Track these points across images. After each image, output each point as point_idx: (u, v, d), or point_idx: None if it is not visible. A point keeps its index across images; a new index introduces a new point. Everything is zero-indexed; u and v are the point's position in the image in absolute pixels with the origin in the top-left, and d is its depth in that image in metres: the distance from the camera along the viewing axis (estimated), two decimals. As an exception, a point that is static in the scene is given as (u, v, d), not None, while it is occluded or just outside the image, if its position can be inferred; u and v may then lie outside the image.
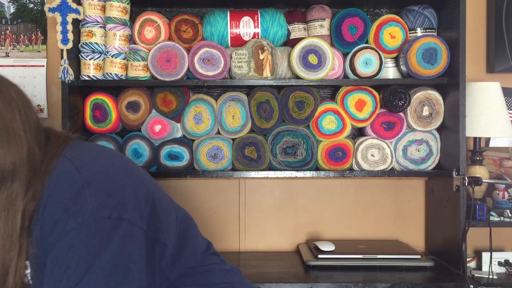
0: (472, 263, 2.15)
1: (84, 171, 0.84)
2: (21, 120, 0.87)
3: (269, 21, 2.01)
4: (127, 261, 0.82)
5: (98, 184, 0.83)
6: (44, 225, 0.81)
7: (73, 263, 0.79)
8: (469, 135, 1.99)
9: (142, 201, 0.89)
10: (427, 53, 1.93)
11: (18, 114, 0.86)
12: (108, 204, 0.82)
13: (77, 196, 0.81)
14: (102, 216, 0.81)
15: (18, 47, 2.20)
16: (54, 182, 0.83)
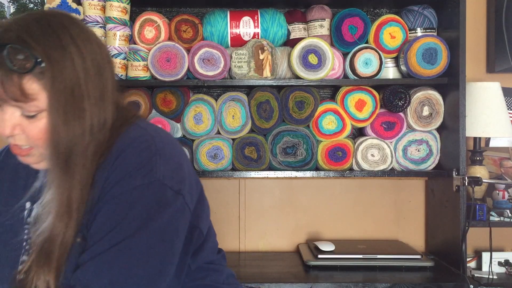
0: (472, 263, 2.15)
1: (157, 141, 0.90)
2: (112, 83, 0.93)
3: (269, 21, 2.01)
4: (174, 234, 0.87)
5: (167, 156, 0.89)
6: (111, 175, 0.86)
7: (128, 218, 0.83)
8: (469, 135, 1.99)
9: (193, 185, 0.95)
10: (427, 53, 1.93)
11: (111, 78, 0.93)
12: (173, 177, 0.88)
13: (149, 160, 0.87)
14: (166, 185, 0.86)
15: (18, 47, 2.20)
16: (129, 142, 0.89)
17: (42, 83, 0.84)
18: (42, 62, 0.83)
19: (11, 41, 0.81)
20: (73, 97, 0.85)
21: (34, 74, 0.83)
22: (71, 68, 0.85)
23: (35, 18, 0.86)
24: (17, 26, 0.83)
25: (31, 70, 0.82)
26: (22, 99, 0.83)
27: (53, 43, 0.84)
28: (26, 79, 0.83)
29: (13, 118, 0.87)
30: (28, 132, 0.87)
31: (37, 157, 0.91)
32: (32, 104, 0.85)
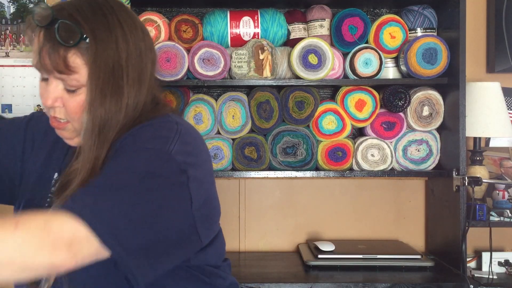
0: (472, 263, 2.15)
1: (181, 128, 0.94)
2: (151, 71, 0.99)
3: (269, 21, 2.01)
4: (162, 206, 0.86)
5: (186, 141, 0.93)
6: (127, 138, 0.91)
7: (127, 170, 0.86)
8: (469, 135, 1.99)
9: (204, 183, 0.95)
10: (427, 53, 1.93)
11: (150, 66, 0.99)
12: (184, 157, 0.90)
13: (167, 135, 0.91)
14: (175, 159, 0.89)
15: (18, 47, 2.20)
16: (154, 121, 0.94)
17: (85, 58, 0.90)
18: (87, 38, 0.89)
19: (63, 18, 0.88)
20: (112, 75, 0.91)
21: (79, 49, 0.90)
22: (114, 49, 0.91)
23: (87, 1, 0.93)
24: (70, 6, 0.91)
25: (75, 45, 0.88)
26: (65, 71, 0.90)
27: (100, 23, 0.91)
28: (71, 53, 0.89)
29: (56, 90, 0.93)
30: (67, 106, 0.93)
31: (71, 132, 0.97)
32: (73, 78, 0.91)
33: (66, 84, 0.92)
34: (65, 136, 0.99)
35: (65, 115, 0.95)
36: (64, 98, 0.93)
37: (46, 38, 0.89)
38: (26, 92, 2.19)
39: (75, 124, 0.95)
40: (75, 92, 0.92)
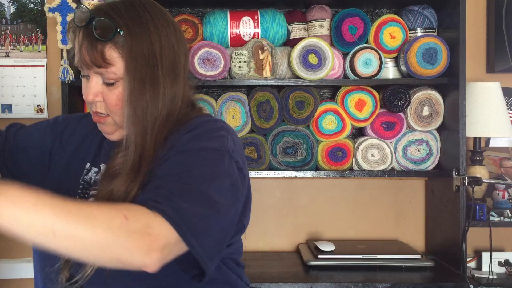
0: (472, 263, 2.15)
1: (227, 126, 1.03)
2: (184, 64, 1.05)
3: (269, 21, 2.01)
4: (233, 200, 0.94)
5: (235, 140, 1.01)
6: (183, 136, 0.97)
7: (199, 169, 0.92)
8: (469, 135, 1.99)
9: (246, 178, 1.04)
10: (427, 53, 1.93)
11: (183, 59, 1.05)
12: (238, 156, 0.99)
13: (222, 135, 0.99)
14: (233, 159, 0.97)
15: (18, 47, 2.20)
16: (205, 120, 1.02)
17: (120, 51, 0.96)
18: (121, 32, 0.96)
19: (98, 16, 0.96)
20: (148, 66, 0.97)
21: (114, 43, 0.96)
22: (147, 41, 0.98)
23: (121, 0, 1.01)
24: (106, 6, 0.99)
25: (110, 39, 0.95)
26: (103, 65, 0.96)
27: (134, 19, 0.98)
28: (107, 47, 0.96)
29: (96, 86, 0.99)
30: (107, 100, 0.99)
31: (111, 126, 1.03)
32: (111, 71, 0.97)
33: (105, 78, 0.98)
34: (106, 130, 1.04)
35: (105, 109, 1.01)
36: (104, 93, 0.99)
37: (84, 36, 0.97)
38: (26, 92, 2.19)
39: (115, 117, 1.01)
40: (114, 85, 0.99)
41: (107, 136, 1.06)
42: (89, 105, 1.03)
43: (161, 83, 0.98)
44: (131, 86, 0.97)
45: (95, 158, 1.09)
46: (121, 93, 0.98)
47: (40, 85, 2.19)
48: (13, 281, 2.14)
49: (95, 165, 1.08)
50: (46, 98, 2.19)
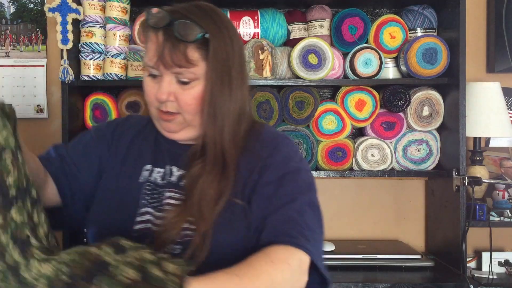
0: (472, 263, 2.15)
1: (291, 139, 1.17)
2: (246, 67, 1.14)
3: (269, 21, 2.01)
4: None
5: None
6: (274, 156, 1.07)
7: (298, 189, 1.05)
8: (469, 135, 1.99)
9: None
10: (427, 53, 1.93)
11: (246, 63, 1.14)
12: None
13: (298, 152, 1.13)
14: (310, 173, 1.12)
15: (18, 47, 2.20)
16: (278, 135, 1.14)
17: (202, 52, 1.01)
18: (205, 34, 1.01)
19: (179, 19, 1.00)
20: (226, 68, 1.04)
21: (196, 45, 1.01)
22: (224, 44, 1.04)
23: (194, 5, 1.06)
24: (181, 9, 1.03)
25: (195, 40, 1.00)
26: (185, 65, 1.00)
27: (211, 23, 1.03)
28: (190, 48, 1.00)
29: (170, 85, 1.03)
30: (180, 99, 1.03)
31: (179, 124, 1.06)
32: (191, 71, 1.01)
33: (181, 77, 1.02)
34: (171, 128, 1.07)
35: (176, 108, 1.04)
36: (177, 92, 1.03)
37: (165, 38, 1.00)
38: (26, 92, 2.19)
39: (187, 116, 1.05)
40: (189, 85, 1.03)
41: (170, 135, 1.09)
42: (156, 104, 1.06)
43: (234, 84, 1.05)
44: (213, 86, 1.02)
45: (156, 159, 1.11)
46: (197, 93, 1.03)
47: (40, 85, 2.19)
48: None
49: (158, 166, 1.10)
50: (46, 98, 2.19)
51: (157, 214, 1.03)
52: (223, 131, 1.04)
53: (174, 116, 1.05)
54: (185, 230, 0.99)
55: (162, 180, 1.08)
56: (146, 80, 1.07)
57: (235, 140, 1.06)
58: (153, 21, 1.01)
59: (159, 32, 1.01)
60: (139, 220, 1.03)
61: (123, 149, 1.15)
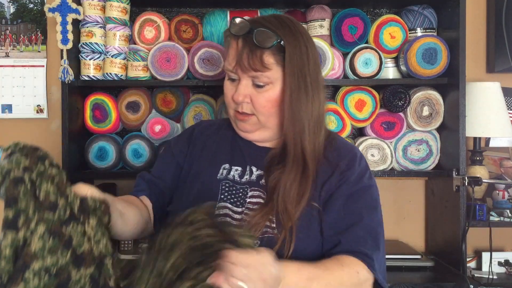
0: (472, 263, 2.15)
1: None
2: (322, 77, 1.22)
3: (269, 21, 2.01)
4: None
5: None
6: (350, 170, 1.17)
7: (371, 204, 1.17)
8: (469, 135, 1.99)
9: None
10: (427, 53, 1.93)
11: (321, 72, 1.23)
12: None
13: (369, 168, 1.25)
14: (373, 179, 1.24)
15: (18, 47, 2.20)
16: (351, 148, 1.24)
17: (278, 58, 1.12)
18: (281, 41, 1.11)
19: (258, 27, 1.11)
20: (302, 74, 1.13)
21: (272, 51, 1.11)
22: (300, 52, 1.13)
23: (273, 16, 1.19)
24: (261, 19, 1.15)
25: (271, 47, 1.10)
26: (261, 69, 1.11)
27: (288, 32, 1.13)
28: (266, 54, 1.11)
29: (246, 88, 1.13)
30: (255, 101, 1.13)
31: (253, 125, 1.17)
32: (266, 75, 1.12)
33: (257, 81, 1.12)
34: (246, 128, 1.18)
35: (251, 109, 1.15)
36: (252, 94, 1.13)
37: (245, 44, 1.11)
38: (26, 92, 2.19)
39: (261, 117, 1.15)
40: (263, 88, 1.13)
41: (246, 135, 1.19)
42: (233, 106, 1.16)
43: (309, 90, 1.13)
44: (290, 90, 1.12)
45: (233, 159, 1.21)
46: (271, 96, 1.13)
47: (40, 85, 2.19)
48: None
49: (235, 165, 1.20)
50: (46, 98, 2.19)
51: (235, 209, 1.13)
52: (304, 133, 1.13)
53: (249, 117, 1.15)
54: (265, 228, 1.07)
55: (240, 178, 1.17)
56: (226, 84, 1.18)
57: (316, 145, 1.14)
58: (235, 29, 1.13)
59: (239, 39, 1.12)
60: (218, 213, 1.12)
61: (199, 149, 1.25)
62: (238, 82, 1.14)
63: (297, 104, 1.12)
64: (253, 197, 1.14)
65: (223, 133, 1.26)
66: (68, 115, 1.89)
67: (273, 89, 1.13)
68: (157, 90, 2.02)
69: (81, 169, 2.01)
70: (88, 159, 2.00)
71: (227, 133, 1.25)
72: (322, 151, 1.16)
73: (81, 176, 1.99)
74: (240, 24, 1.13)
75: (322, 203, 1.12)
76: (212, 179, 1.18)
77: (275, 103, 1.13)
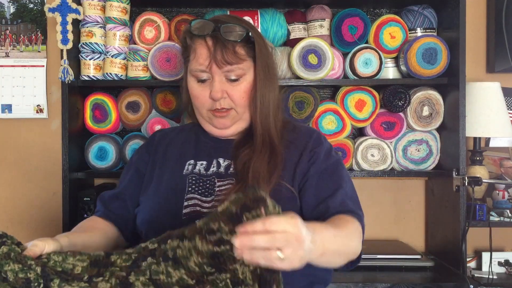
0: (472, 263, 2.15)
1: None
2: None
3: (269, 21, 2.01)
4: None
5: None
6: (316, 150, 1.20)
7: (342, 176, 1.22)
8: (469, 135, 1.99)
9: None
10: (427, 53, 1.93)
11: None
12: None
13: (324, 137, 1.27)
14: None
15: (18, 47, 2.20)
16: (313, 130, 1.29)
17: (247, 49, 1.17)
18: (249, 32, 1.16)
19: (222, 23, 1.15)
20: (268, 61, 1.21)
21: (242, 42, 1.16)
22: (264, 43, 1.21)
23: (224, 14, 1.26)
24: (218, 17, 1.20)
25: (242, 39, 1.15)
26: (236, 61, 1.15)
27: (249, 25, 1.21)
28: (238, 46, 1.15)
29: (221, 84, 1.17)
30: (233, 95, 1.17)
31: (231, 119, 1.20)
32: (240, 67, 1.16)
33: (230, 75, 1.17)
34: (226, 124, 1.21)
35: (229, 104, 1.18)
36: (228, 89, 1.17)
37: (215, 41, 1.14)
38: (26, 92, 2.19)
39: (239, 109, 1.19)
40: (238, 81, 1.17)
41: (222, 131, 1.22)
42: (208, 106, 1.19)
43: (272, 78, 1.22)
44: (260, 79, 1.18)
45: (198, 154, 1.24)
46: (246, 87, 1.18)
47: (40, 85, 2.19)
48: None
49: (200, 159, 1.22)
50: (46, 98, 2.19)
51: (204, 199, 1.15)
52: (269, 116, 1.18)
53: (228, 112, 1.19)
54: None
55: (205, 170, 1.20)
56: (194, 87, 1.20)
57: (277, 126, 1.20)
58: (200, 30, 1.15)
59: (207, 38, 1.15)
60: (187, 204, 1.14)
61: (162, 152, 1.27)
62: (211, 81, 1.17)
63: (265, 91, 1.18)
64: (222, 186, 1.16)
65: (186, 134, 1.29)
66: (68, 115, 1.89)
67: (246, 80, 1.18)
68: (157, 90, 2.02)
69: (81, 169, 2.01)
70: (88, 159, 2.00)
71: (190, 134, 1.29)
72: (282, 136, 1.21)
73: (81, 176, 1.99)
74: (202, 24, 1.16)
75: (298, 187, 1.16)
76: (178, 175, 1.20)
77: (249, 94, 1.18)
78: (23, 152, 2.21)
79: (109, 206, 1.26)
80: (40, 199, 2.20)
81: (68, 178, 1.90)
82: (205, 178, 1.18)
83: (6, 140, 2.21)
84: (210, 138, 1.25)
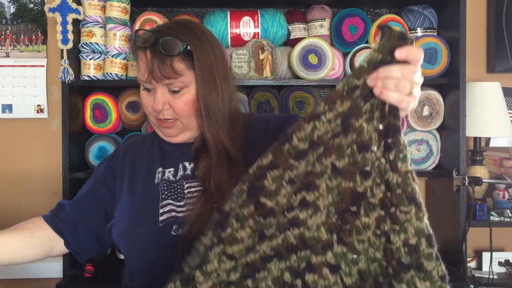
0: (472, 263, 2.15)
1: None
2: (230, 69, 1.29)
3: (269, 21, 2.01)
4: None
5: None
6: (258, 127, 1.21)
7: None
8: (469, 135, 1.99)
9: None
10: (427, 53, 1.93)
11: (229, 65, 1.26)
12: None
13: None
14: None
15: (18, 47, 2.20)
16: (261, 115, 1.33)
17: (187, 63, 1.14)
18: (187, 46, 1.14)
19: (162, 36, 1.13)
20: (211, 73, 1.17)
21: (181, 56, 1.14)
22: (207, 53, 1.17)
23: (175, 22, 1.23)
24: (164, 28, 1.18)
25: (179, 54, 1.13)
26: (173, 76, 1.13)
27: (192, 36, 1.16)
28: (175, 61, 1.13)
29: (163, 96, 1.16)
30: (175, 106, 1.16)
31: (178, 129, 1.20)
32: (179, 81, 1.14)
33: (172, 87, 1.15)
34: (172, 133, 1.21)
35: (172, 115, 1.18)
36: (170, 100, 1.16)
37: (153, 55, 1.13)
38: (26, 92, 2.19)
39: (183, 120, 1.18)
40: (180, 93, 1.16)
41: (171, 139, 1.22)
42: (154, 114, 1.18)
43: (219, 87, 1.18)
44: (202, 91, 1.15)
45: (164, 162, 1.23)
46: (188, 98, 1.16)
47: (40, 85, 2.19)
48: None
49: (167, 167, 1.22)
50: (46, 98, 2.19)
51: (177, 204, 1.15)
52: (219, 129, 1.17)
53: (173, 123, 1.19)
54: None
55: (174, 177, 1.20)
56: (142, 94, 1.20)
57: (233, 136, 1.18)
58: (141, 42, 1.14)
59: (147, 50, 1.14)
60: (162, 211, 1.14)
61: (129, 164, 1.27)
62: (154, 92, 1.17)
63: (210, 103, 1.16)
64: (190, 188, 1.17)
65: (149, 144, 1.29)
66: (68, 115, 1.89)
67: (188, 92, 1.16)
68: (157, 90, 2.02)
69: (81, 169, 2.01)
70: (88, 159, 2.00)
71: (153, 143, 1.29)
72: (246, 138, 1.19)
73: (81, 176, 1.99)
74: (144, 36, 1.15)
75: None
76: (150, 184, 1.21)
77: (193, 105, 1.17)
78: (23, 152, 2.21)
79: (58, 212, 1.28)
80: (40, 199, 2.20)
81: (68, 178, 1.90)
82: (175, 184, 1.19)
83: (6, 140, 2.21)
84: (172, 145, 1.25)
